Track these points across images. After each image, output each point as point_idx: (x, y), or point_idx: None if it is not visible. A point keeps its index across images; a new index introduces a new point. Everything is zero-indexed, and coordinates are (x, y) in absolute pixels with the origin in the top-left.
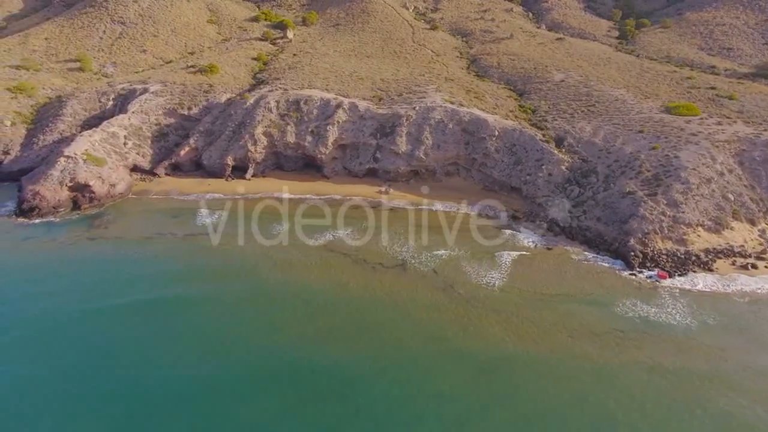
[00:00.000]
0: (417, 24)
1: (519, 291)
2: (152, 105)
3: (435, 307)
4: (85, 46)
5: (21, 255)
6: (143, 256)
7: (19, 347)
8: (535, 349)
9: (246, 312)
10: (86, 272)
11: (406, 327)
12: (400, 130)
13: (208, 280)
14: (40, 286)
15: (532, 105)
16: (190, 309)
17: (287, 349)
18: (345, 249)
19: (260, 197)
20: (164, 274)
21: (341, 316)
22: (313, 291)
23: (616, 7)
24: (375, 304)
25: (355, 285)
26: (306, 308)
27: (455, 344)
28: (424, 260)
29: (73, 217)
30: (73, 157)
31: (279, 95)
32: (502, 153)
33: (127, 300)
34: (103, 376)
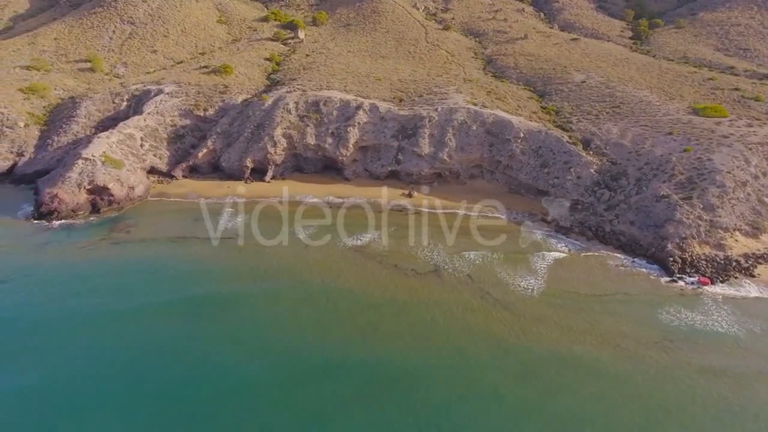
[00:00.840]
0: (429, 24)
1: (558, 297)
2: (167, 106)
3: (475, 312)
4: (95, 47)
5: (45, 258)
6: (171, 258)
7: (68, 347)
8: (582, 353)
9: (288, 311)
10: (115, 274)
11: (450, 327)
12: (422, 131)
13: (243, 281)
14: (71, 288)
15: (554, 106)
16: (231, 308)
17: (336, 346)
18: (376, 253)
19: (279, 200)
20: (197, 275)
21: (384, 317)
22: (352, 292)
23: (628, 7)
24: (414, 306)
25: (391, 290)
26: (348, 308)
27: (501, 344)
28: (458, 265)
29: (92, 221)
30: (91, 159)
31: (297, 96)
32: (527, 155)
33: (165, 299)
34: (155, 374)
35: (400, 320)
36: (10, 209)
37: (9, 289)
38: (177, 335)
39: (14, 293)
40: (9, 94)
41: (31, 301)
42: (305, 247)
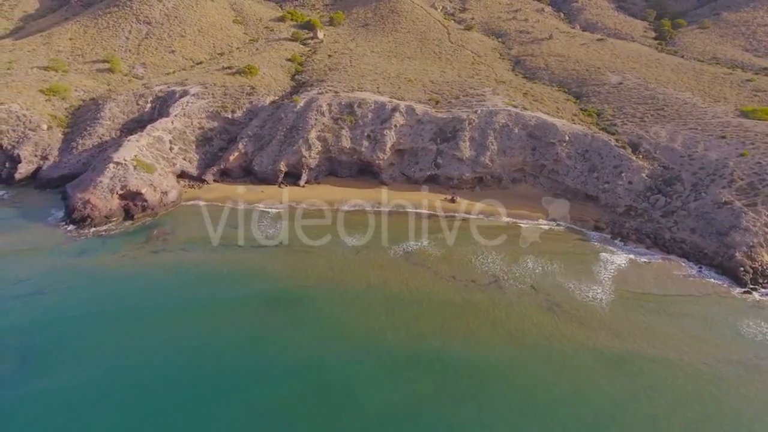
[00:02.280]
0: (450, 24)
1: (628, 311)
2: (194, 108)
3: (547, 326)
4: (112, 47)
5: (84, 268)
6: (218, 265)
7: (137, 357)
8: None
9: (354, 310)
10: (162, 283)
11: (526, 330)
12: (462, 134)
13: (299, 284)
14: (119, 298)
15: (594, 108)
16: (299, 307)
17: (413, 342)
18: (429, 262)
19: (317, 205)
20: (247, 281)
21: (454, 318)
22: (412, 302)
23: (649, 7)
24: (483, 320)
25: (455, 304)
26: (417, 308)
27: (580, 346)
28: (518, 275)
29: (127, 228)
30: (122, 163)
31: (330, 98)
32: (574, 159)
33: (223, 303)
34: (239, 367)
35: (473, 319)
36: (39, 215)
37: (53, 300)
38: (253, 337)
39: (59, 305)
40: (30, 96)
41: (80, 312)
42: (356, 253)
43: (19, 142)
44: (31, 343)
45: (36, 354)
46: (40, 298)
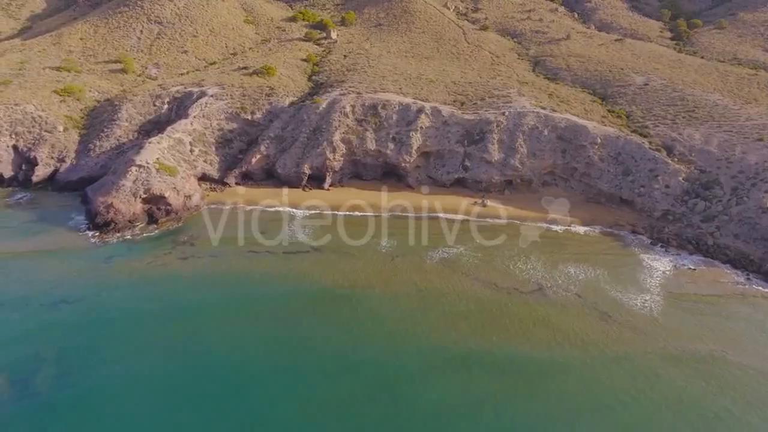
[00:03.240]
0: (465, 24)
1: (681, 315)
2: (213, 109)
3: (599, 334)
4: (123, 47)
5: (113, 275)
6: (254, 271)
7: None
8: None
9: (400, 311)
10: (196, 291)
11: (579, 338)
12: (490, 137)
13: (341, 286)
14: (151, 308)
15: (622, 110)
16: (343, 308)
17: (464, 342)
18: (468, 268)
19: (346, 209)
20: (285, 287)
21: (502, 322)
22: (457, 313)
23: (663, 7)
24: (531, 318)
25: (500, 311)
26: (463, 311)
27: (638, 351)
28: (560, 282)
29: (152, 233)
30: (145, 166)
31: (353, 99)
32: (607, 162)
33: (272, 302)
34: (291, 367)
35: (523, 334)
36: (60, 219)
37: (85, 309)
38: (301, 337)
39: (91, 314)
40: (45, 96)
41: (115, 321)
42: (391, 259)
43: (35, 143)
44: (69, 355)
45: (75, 365)
46: (72, 307)
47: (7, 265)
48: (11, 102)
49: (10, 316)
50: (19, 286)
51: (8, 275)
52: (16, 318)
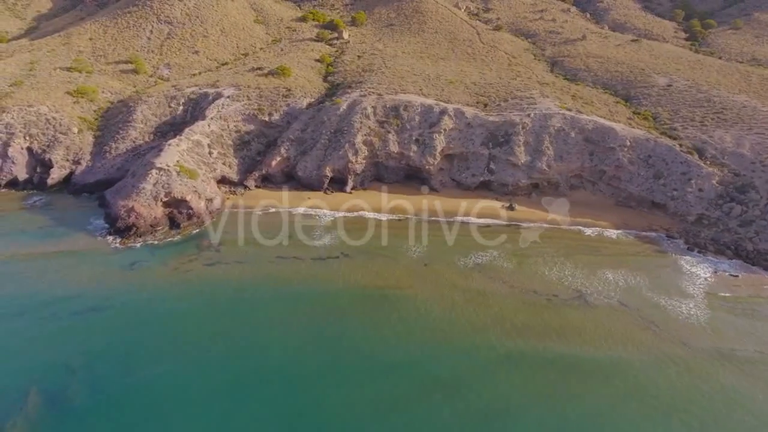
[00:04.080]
0: (478, 25)
1: (729, 323)
2: (230, 110)
3: (650, 347)
4: (134, 47)
5: (138, 282)
6: (285, 277)
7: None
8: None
9: (441, 311)
10: (229, 300)
11: (628, 337)
12: (516, 139)
13: (378, 291)
14: (182, 316)
15: (648, 112)
16: (386, 309)
17: (512, 339)
18: (502, 275)
19: (371, 214)
20: (319, 294)
21: (545, 323)
22: (496, 309)
23: (676, 7)
24: (574, 325)
25: (542, 319)
26: (506, 314)
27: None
28: (601, 289)
29: (174, 238)
30: (165, 169)
31: (374, 100)
32: (637, 165)
33: (308, 306)
34: (343, 366)
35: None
36: (78, 223)
37: (113, 318)
38: (350, 337)
39: (120, 323)
40: (57, 98)
41: (145, 331)
42: (424, 265)
43: (49, 145)
44: (100, 364)
45: (107, 374)
46: (100, 315)
47: (29, 270)
48: (24, 103)
49: (37, 324)
50: (43, 293)
51: (31, 281)
52: (43, 326)
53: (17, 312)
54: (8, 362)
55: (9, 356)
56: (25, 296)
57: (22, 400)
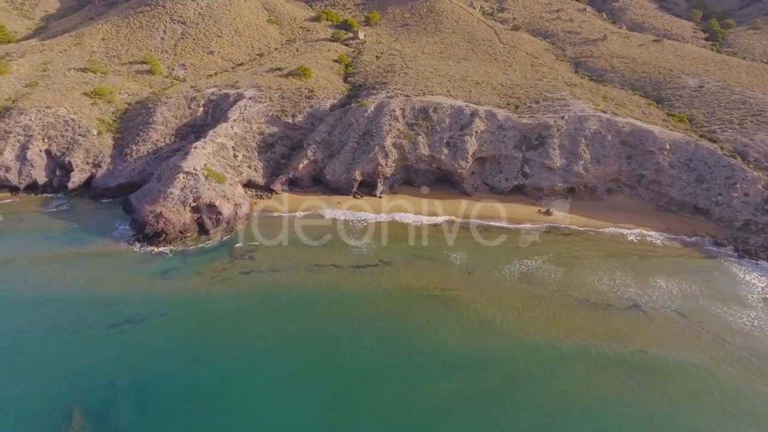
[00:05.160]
0: (496, 25)
1: None
2: (253, 112)
3: (706, 348)
4: (147, 47)
5: (174, 292)
6: (324, 286)
7: None
8: None
9: (494, 312)
10: (271, 310)
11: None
12: (551, 141)
13: (430, 294)
14: (226, 330)
15: (683, 114)
16: (444, 311)
17: (572, 339)
18: (551, 284)
19: (407, 218)
20: (373, 293)
21: (605, 326)
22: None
23: (692, 7)
24: (635, 336)
25: (605, 331)
26: (558, 314)
27: None
28: (657, 299)
29: (205, 245)
30: (192, 173)
31: (402, 102)
32: (678, 169)
33: (355, 313)
34: (415, 364)
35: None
36: (104, 230)
37: (151, 330)
38: (406, 339)
39: (159, 336)
40: (75, 99)
41: (185, 345)
42: (468, 273)
43: (68, 148)
44: (145, 382)
45: (154, 394)
46: (138, 328)
47: (57, 279)
48: (42, 105)
49: (74, 338)
50: (75, 304)
51: (60, 291)
52: (81, 340)
53: (51, 324)
54: (49, 380)
55: (49, 374)
56: (57, 307)
57: (66, 422)
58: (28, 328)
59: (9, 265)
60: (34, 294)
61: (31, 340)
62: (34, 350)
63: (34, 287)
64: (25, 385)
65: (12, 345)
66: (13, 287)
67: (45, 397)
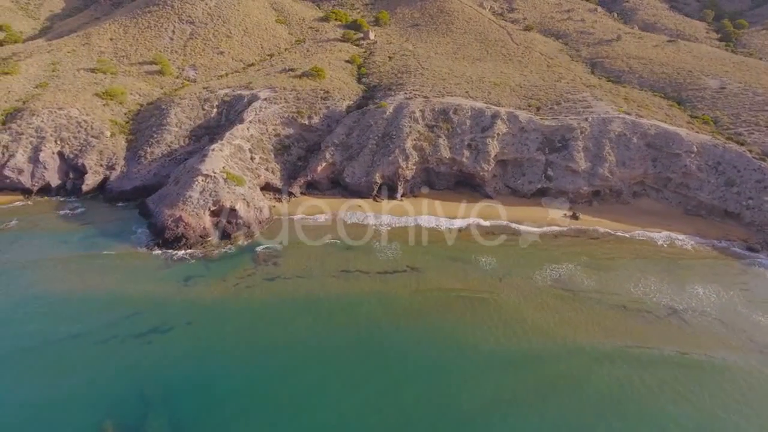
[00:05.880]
0: (508, 25)
1: None
2: (268, 113)
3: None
4: (156, 47)
5: (199, 300)
6: (354, 293)
7: None
8: None
9: (534, 315)
10: (302, 319)
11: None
12: (574, 144)
13: (464, 296)
14: (258, 340)
15: (707, 116)
16: (480, 312)
17: (609, 341)
18: (587, 290)
19: (430, 223)
20: (406, 296)
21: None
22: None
23: (704, 7)
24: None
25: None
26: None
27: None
28: (695, 306)
29: (226, 250)
30: (212, 176)
31: (422, 103)
32: (706, 172)
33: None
34: (459, 363)
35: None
36: (121, 234)
37: (179, 339)
38: (449, 340)
39: (190, 346)
40: (86, 100)
41: (217, 355)
42: (499, 280)
43: (81, 150)
44: (177, 395)
45: (187, 407)
46: (165, 338)
47: (76, 286)
48: (54, 106)
49: (99, 348)
50: (97, 312)
51: (80, 298)
52: (106, 351)
53: (74, 333)
54: (78, 392)
55: (77, 385)
56: (81, 315)
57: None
58: (53, 337)
59: (27, 271)
60: (55, 300)
61: (56, 349)
62: (61, 360)
63: (55, 293)
64: (54, 397)
65: (38, 355)
66: (33, 293)
67: (75, 409)
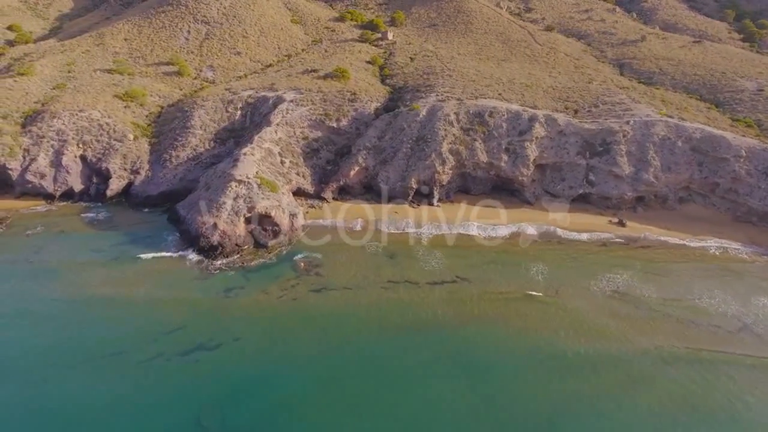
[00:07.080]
0: (528, 25)
1: None
2: (295, 116)
3: None
4: (172, 48)
5: (243, 313)
6: (407, 304)
7: None
8: None
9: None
10: (361, 328)
11: None
12: (617, 148)
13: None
14: (315, 358)
15: (749, 119)
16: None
17: (677, 342)
18: (649, 303)
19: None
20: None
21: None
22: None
23: (723, 7)
24: None
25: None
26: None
27: None
28: (765, 319)
29: (265, 259)
30: (245, 182)
31: (455, 106)
32: (756, 177)
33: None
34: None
35: None
36: (152, 242)
37: (229, 358)
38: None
39: (242, 366)
40: (107, 102)
41: (273, 374)
42: (556, 291)
43: (105, 154)
44: (238, 422)
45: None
46: (213, 356)
47: (111, 298)
48: (74, 108)
49: (144, 368)
50: (137, 328)
51: (117, 312)
52: (152, 371)
53: (115, 350)
54: (127, 422)
55: (125, 414)
56: (120, 331)
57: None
58: (92, 357)
59: (59, 276)
60: (90, 315)
61: (97, 373)
62: (103, 385)
63: (88, 306)
64: (103, 426)
65: (79, 378)
66: (66, 307)
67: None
